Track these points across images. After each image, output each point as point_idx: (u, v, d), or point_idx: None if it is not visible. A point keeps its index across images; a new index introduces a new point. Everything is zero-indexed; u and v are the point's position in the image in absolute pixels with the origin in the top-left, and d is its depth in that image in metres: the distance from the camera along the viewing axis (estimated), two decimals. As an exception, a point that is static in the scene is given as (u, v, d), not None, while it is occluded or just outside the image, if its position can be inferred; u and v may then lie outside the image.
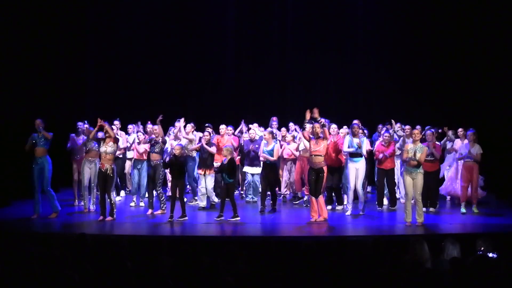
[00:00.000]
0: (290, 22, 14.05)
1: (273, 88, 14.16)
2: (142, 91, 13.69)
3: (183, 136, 10.38)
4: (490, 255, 5.37)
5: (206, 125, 11.07)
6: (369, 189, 11.39)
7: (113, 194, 9.26)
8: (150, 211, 9.56)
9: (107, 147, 9.04)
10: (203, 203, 10.15)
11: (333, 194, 10.21)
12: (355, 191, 9.55)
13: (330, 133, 9.77)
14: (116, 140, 9.24)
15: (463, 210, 9.69)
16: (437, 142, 9.89)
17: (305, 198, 10.34)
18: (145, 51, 13.77)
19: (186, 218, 9.05)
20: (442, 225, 8.80)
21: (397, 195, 10.61)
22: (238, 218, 8.98)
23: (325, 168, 8.93)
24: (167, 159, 9.27)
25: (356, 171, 9.49)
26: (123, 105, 13.18)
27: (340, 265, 4.97)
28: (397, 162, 10.39)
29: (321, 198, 9.03)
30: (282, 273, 4.73)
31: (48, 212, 9.22)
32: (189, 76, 13.91)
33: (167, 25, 13.78)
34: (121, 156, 10.79)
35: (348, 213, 9.56)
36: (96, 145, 9.48)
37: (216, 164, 9.93)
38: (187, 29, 13.87)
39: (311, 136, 8.97)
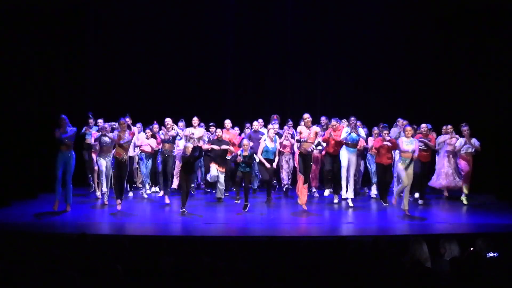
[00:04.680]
0: (291, 22, 14.06)
1: (273, 87, 14.18)
2: (142, 90, 13.70)
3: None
4: (491, 254, 5.38)
5: (211, 124, 11.47)
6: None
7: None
8: (166, 198, 10.44)
9: (123, 137, 9.59)
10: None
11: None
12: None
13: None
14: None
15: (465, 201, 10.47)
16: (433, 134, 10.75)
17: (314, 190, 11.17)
18: (145, 50, 13.77)
19: (187, 212, 9.53)
20: (442, 225, 8.80)
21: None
22: (247, 204, 9.73)
23: (312, 155, 9.85)
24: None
25: (348, 160, 10.27)
26: (123, 104, 13.17)
27: (340, 265, 4.97)
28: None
29: (305, 186, 9.69)
30: (282, 273, 4.73)
31: (49, 209, 9.47)
32: (189, 74, 13.91)
33: (167, 25, 13.77)
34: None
35: (345, 196, 10.31)
36: (109, 141, 10.13)
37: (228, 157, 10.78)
38: (187, 28, 13.87)
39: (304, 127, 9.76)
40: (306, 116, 9.81)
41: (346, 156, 10.29)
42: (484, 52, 12.26)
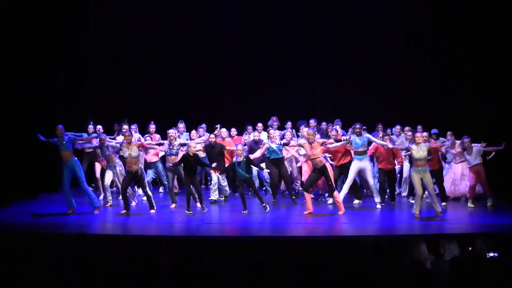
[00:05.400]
0: (291, 23, 14.06)
1: (273, 89, 14.18)
2: (142, 91, 13.69)
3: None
4: (491, 254, 5.38)
5: (216, 126, 11.29)
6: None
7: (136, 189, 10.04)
8: (173, 205, 10.09)
9: (132, 152, 9.44)
10: (214, 197, 10.54)
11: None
12: (367, 185, 10.27)
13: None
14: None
15: (471, 205, 10.15)
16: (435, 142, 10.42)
17: (326, 195, 10.90)
18: (145, 51, 13.77)
19: (206, 210, 9.64)
20: (442, 225, 8.79)
21: (397, 190, 11.27)
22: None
23: (327, 165, 9.52)
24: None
25: (358, 167, 9.96)
26: (123, 104, 13.20)
27: (340, 265, 4.97)
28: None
29: (308, 195, 9.51)
30: (282, 273, 4.73)
31: (50, 211, 9.50)
32: (189, 76, 13.91)
33: (167, 26, 13.77)
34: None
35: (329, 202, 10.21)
36: (112, 150, 10.08)
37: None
38: (187, 29, 13.87)
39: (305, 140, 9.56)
40: (311, 132, 9.42)
41: (355, 166, 9.96)
42: (484, 53, 12.26)
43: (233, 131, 11.65)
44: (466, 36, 12.61)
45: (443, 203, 10.16)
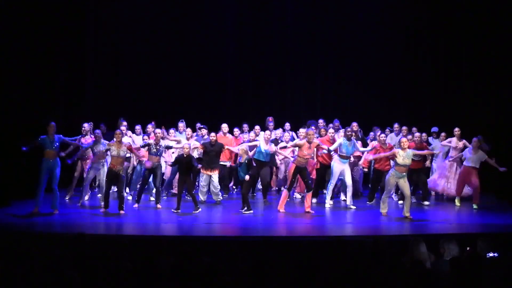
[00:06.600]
0: (291, 24, 14.07)
1: (273, 89, 14.18)
2: (141, 91, 13.68)
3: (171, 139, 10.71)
4: (491, 254, 5.38)
5: (201, 126, 11.30)
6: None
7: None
8: (158, 205, 9.96)
9: (120, 151, 9.38)
10: (203, 198, 10.45)
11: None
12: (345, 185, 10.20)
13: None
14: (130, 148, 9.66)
15: (458, 204, 10.27)
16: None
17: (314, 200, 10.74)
18: (145, 51, 13.76)
19: (200, 209, 9.51)
20: (442, 225, 8.79)
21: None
22: (251, 211, 9.49)
23: (307, 167, 9.68)
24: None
25: (341, 170, 10.08)
26: (123, 105, 13.19)
27: (340, 265, 4.97)
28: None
29: (309, 193, 9.59)
30: (282, 273, 4.73)
31: (47, 211, 9.39)
32: (189, 76, 13.90)
33: (167, 26, 13.76)
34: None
35: (327, 206, 10.16)
36: (103, 148, 9.82)
37: (223, 162, 10.82)
38: (187, 29, 13.87)
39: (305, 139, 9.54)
40: (312, 132, 9.50)
41: (338, 168, 10.06)
42: (484, 53, 12.27)
43: (236, 131, 11.59)
44: (466, 36, 12.63)
45: (426, 203, 10.22)
